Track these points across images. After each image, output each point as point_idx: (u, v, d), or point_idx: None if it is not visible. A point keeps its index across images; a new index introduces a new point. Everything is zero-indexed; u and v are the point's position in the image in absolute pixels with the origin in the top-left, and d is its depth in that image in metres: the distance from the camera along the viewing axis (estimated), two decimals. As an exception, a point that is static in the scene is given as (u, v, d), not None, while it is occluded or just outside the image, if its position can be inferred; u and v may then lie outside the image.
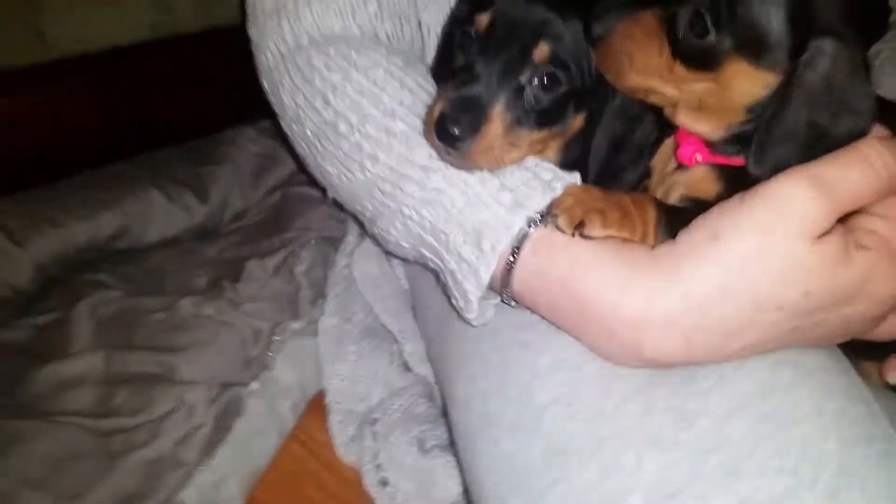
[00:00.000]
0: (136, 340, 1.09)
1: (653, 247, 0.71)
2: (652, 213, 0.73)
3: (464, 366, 0.87)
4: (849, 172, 0.65)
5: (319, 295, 1.22)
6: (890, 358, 0.82)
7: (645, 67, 0.73)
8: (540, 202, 0.73)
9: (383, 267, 1.22)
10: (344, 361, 1.15)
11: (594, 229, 0.69)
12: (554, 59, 0.76)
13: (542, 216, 0.72)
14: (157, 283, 1.22)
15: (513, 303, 0.77)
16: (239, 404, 1.04)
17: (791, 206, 0.64)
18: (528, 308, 0.77)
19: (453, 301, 0.80)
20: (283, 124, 0.97)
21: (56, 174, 1.33)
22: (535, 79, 0.76)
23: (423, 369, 1.17)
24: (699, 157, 0.77)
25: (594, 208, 0.70)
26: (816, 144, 0.67)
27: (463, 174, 0.76)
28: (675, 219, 0.72)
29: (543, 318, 0.77)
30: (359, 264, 1.21)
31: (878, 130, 0.72)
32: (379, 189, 0.81)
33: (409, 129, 0.80)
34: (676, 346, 0.67)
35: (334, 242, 1.30)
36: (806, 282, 0.64)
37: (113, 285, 1.19)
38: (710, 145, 0.77)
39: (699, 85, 0.72)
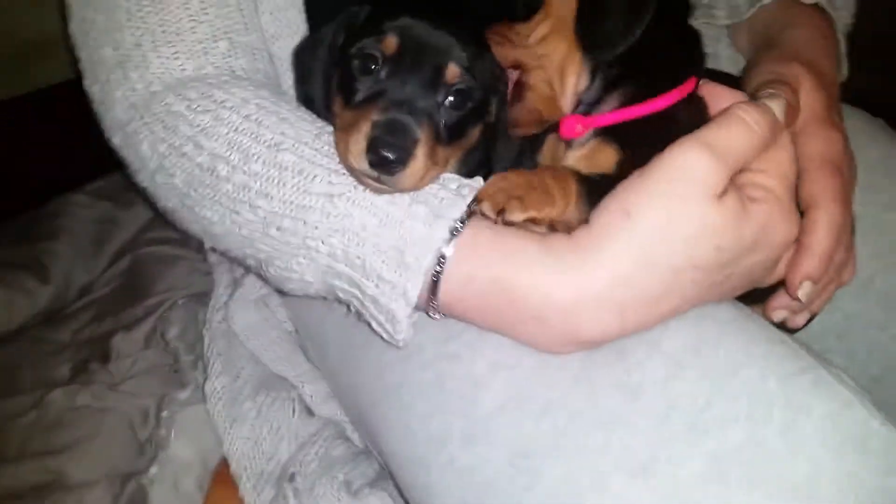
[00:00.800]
0: (7, 451, 0.97)
1: (576, 220, 0.74)
2: (573, 187, 0.77)
3: (392, 393, 0.85)
4: (734, 135, 0.72)
5: (199, 357, 1.15)
6: (770, 300, 0.89)
7: (500, 41, 0.84)
8: (455, 210, 0.73)
9: (263, 312, 1.17)
10: (243, 422, 1.09)
11: (513, 213, 0.72)
12: (463, 77, 0.78)
13: (460, 223, 0.73)
14: (11, 382, 1.09)
15: (437, 315, 0.77)
16: (143, 495, 0.96)
17: (690, 172, 0.69)
18: (456, 317, 0.78)
19: (374, 326, 0.78)
20: (143, 178, 0.90)
21: None
22: (448, 98, 0.78)
23: (328, 409, 1.13)
24: (580, 126, 0.82)
25: (514, 195, 0.73)
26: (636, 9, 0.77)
27: (370, 196, 0.75)
28: (594, 189, 0.76)
29: (473, 323, 0.78)
30: (237, 316, 1.15)
31: (720, 91, 0.81)
32: (276, 226, 0.78)
33: (300, 160, 0.77)
34: (610, 322, 0.71)
35: (202, 298, 1.22)
36: (716, 238, 0.70)
37: (-40, 396, 1.05)
38: (588, 105, 0.84)
39: (540, 29, 0.82)
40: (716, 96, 0.81)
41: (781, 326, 0.91)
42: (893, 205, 1.05)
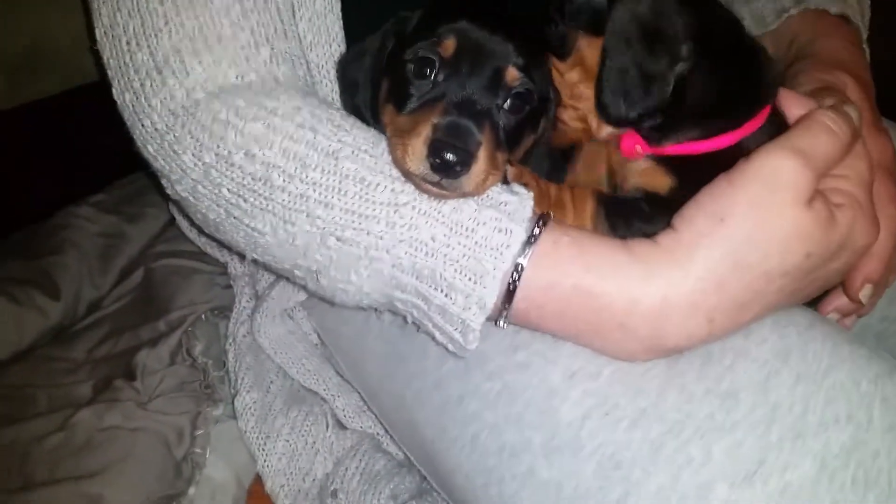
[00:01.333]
0: (35, 477, 0.91)
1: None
2: (590, 206, 0.79)
3: (454, 405, 0.83)
4: (821, 140, 0.72)
5: (226, 372, 1.11)
6: (826, 301, 0.89)
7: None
8: (526, 214, 0.72)
9: (288, 325, 1.14)
10: (277, 438, 1.05)
11: None
12: (523, 80, 0.77)
13: (537, 228, 0.71)
14: (27, 404, 1.03)
15: (505, 324, 0.75)
16: (185, 518, 0.91)
17: (781, 178, 0.69)
18: (530, 325, 0.76)
19: (438, 336, 0.76)
20: (180, 189, 0.86)
21: None
22: (508, 101, 0.76)
23: (361, 422, 1.11)
24: (639, 147, 0.82)
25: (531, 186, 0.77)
26: (650, 81, 0.76)
27: (435, 204, 0.73)
28: (613, 210, 0.79)
29: (548, 332, 0.76)
30: (263, 329, 1.12)
31: (792, 98, 0.81)
32: (336, 237, 0.75)
33: (360, 167, 0.75)
34: (699, 328, 0.70)
35: (223, 311, 1.18)
36: (806, 244, 0.70)
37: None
38: (647, 139, 0.82)
39: (572, 74, 0.83)
40: (790, 104, 0.81)
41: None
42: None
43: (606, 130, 0.84)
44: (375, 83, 0.84)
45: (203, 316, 1.14)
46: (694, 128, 0.80)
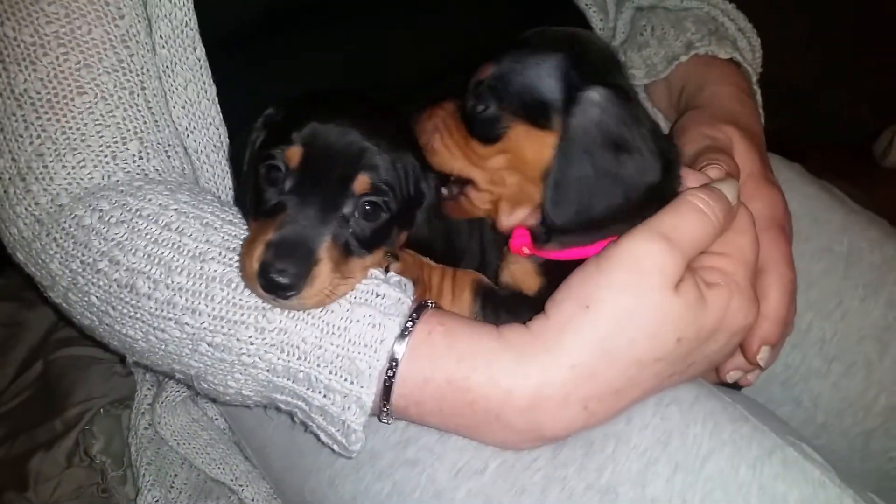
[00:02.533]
0: None
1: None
2: (468, 296, 0.79)
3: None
4: (687, 222, 0.71)
5: (126, 468, 1.07)
6: (725, 363, 0.87)
7: (449, 145, 0.80)
8: (402, 307, 0.71)
9: (193, 413, 1.10)
10: (183, 537, 1.02)
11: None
12: (374, 188, 0.74)
13: (410, 321, 0.70)
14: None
15: (389, 420, 0.74)
16: None
17: (646, 263, 0.68)
18: (411, 420, 0.75)
19: (323, 437, 0.74)
20: (54, 295, 0.84)
21: None
22: (357, 210, 0.74)
23: (271, 511, 1.07)
24: (526, 249, 0.81)
25: (414, 275, 0.77)
26: (612, 188, 0.73)
27: None
28: (488, 301, 0.79)
29: (430, 426, 0.75)
30: (164, 419, 1.08)
31: (693, 175, 0.80)
32: (207, 343, 0.73)
33: (228, 269, 0.73)
34: (576, 417, 0.69)
35: (125, 402, 1.14)
36: (676, 329, 0.69)
37: None
38: (535, 238, 0.82)
39: (496, 159, 0.78)
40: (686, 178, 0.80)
41: (734, 384, 0.92)
42: (820, 254, 1.08)
43: (511, 221, 0.82)
44: (241, 181, 0.82)
45: (101, 410, 1.10)
46: (586, 234, 0.78)
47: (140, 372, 1.14)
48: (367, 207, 0.74)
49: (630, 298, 0.68)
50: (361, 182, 0.74)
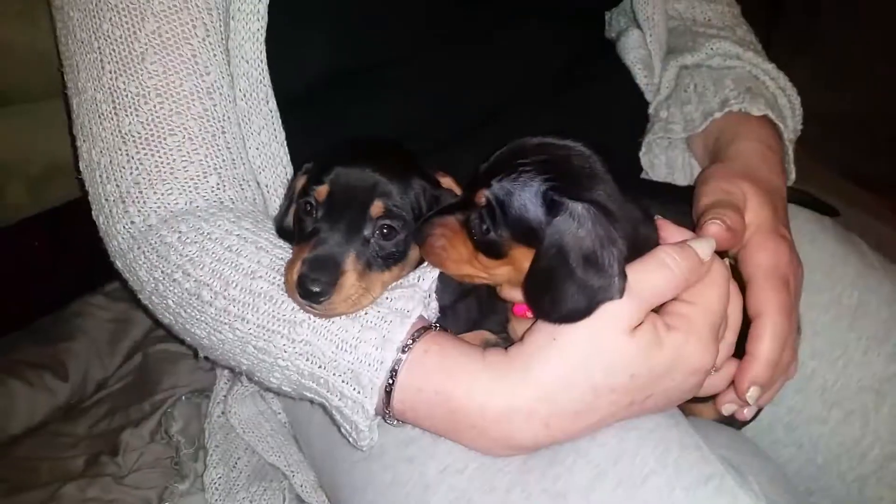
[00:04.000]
0: (24, 541, 1.08)
1: None
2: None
3: (360, 490, 0.94)
4: (651, 276, 0.80)
5: (200, 449, 1.25)
6: (721, 395, 0.96)
7: (458, 258, 0.88)
8: (401, 332, 0.83)
9: (259, 406, 1.26)
10: (237, 510, 1.18)
11: None
12: (387, 211, 0.89)
13: (410, 341, 0.83)
14: (31, 475, 1.21)
15: (395, 422, 0.86)
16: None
17: (607, 309, 0.78)
18: (409, 424, 0.87)
19: (343, 432, 0.88)
20: (143, 297, 1.01)
21: None
22: (376, 231, 0.88)
23: (317, 498, 1.20)
24: (529, 314, 0.89)
25: None
26: (577, 294, 0.78)
27: (326, 324, 0.85)
28: None
29: (425, 429, 0.87)
30: (234, 410, 1.24)
31: (668, 229, 0.87)
32: (252, 346, 0.88)
33: (272, 287, 0.87)
34: (539, 431, 0.80)
35: (206, 392, 1.33)
36: (629, 367, 0.79)
37: (-17, 488, 1.17)
38: None
39: (501, 269, 0.87)
40: (666, 234, 0.87)
41: (732, 419, 1.00)
42: (830, 307, 1.14)
43: (513, 297, 0.89)
44: (280, 216, 1.00)
45: (183, 398, 1.29)
46: None
47: (219, 367, 1.33)
48: (385, 229, 0.89)
49: (591, 337, 0.78)
50: (377, 207, 0.88)
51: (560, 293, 0.79)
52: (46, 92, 1.30)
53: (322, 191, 0.89)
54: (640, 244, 0.84)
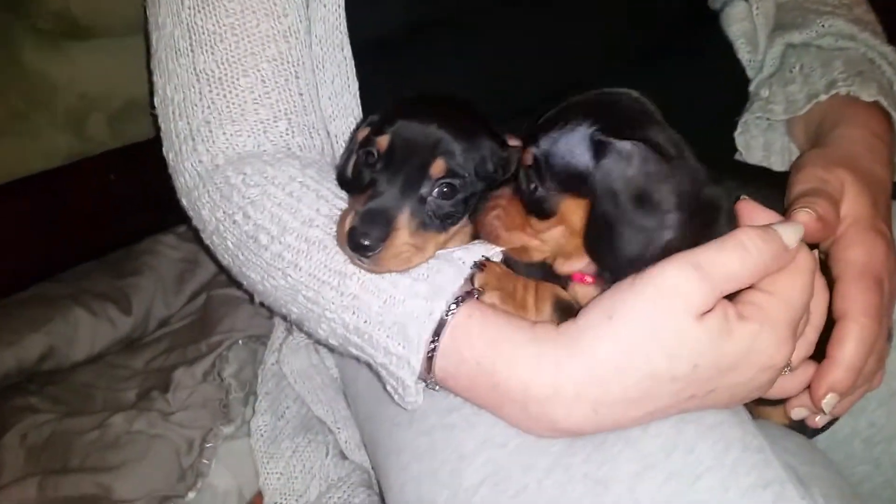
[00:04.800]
0: (70, 463, 1.10)
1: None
2: (548, 308, 0.84)
3: (396, 453, 0.92)
4: (727, 258, 0.73)
5: (251, 394, 1.25)
6: (792, 398, 0.89)
7: (512, 226, 0.85)
8: (454, 284, 0.80)
9: (312, 359, 1.26)
10: (279, 459, 1.17)
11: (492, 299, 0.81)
12: (449, 171, 0.85)
13: (458, 301, 0.79)
14: (87, 402, 1.23)
15: (436, 387, 0.83)
16: (178, 517, 1.06)
17: (675, 288, 0.71)
18: (451, 391, 0.83)
19: (388, 389, 0.85)
20: (205, 237, 1.01)
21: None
22: (435, 190, 0.85)
23: (360, 456, 1.19)
24: (589, 279, 0.86)
25: (500, 287, 0.82)
26: (635, 237, 0.75)
27: (375, 279, 0.82)
28: (571, 314, 0.80)
29: (466, 399, 0.83)
30: (287, 359, 1.24)
31: (752, 210, 0.80)
32: (302, 295, 0.86)
33: (326, 236, 0.85)
34: (586, 417, 0.74)
35: (262, 339, 1.33)
36: (693, 355, 0.72)
37: (43, 408, 1.20)
38: (600, 278, 0.85)
39: (553, 231, 0.83)
40: (751, 216, 0.80)
41: (804, 426, 0.92)
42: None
43: (568, 269, 0.86)
44: (342, 164, 0.96)
45: (240, 342, 1.30)
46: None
47: (276, 316, 1.33)
48: (445, 189, 0.85)
49: (653, 317, 0.72)
50: (438, 166, 0.84)
51: (617, 239, 0.75)
52: (131, 27, 1.30)
53: (383, 142, 0.85)
54: (705, 206, 0.79)
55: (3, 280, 1.41)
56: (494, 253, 0.85)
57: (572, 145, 0.79)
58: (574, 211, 0.80)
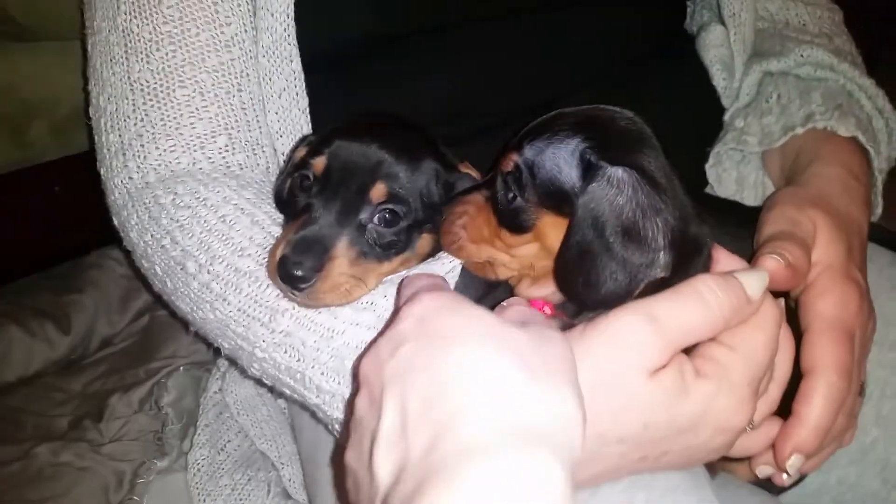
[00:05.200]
0: (-10, 496, 1.03)
1: None
2: None
3: (331, 496, 0.87)
4: (683, 309, 0.65)
5: (190, 425, 1.18)
6: (756, 456, 0.82)
7: (478, 237, 0.79)
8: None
9: (259, 388, 1.20)
10: (216, 497, 1.10)
11: None
12: (391, 196, 0.79)
13: None
14: (15, 428, 1.16)
15: None
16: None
17: (626, 340, 0.64)
18: None
19: (329, 428, 0.80)
20: (135, 260, 0.95)
21: None
22: (375, 216, 0.79)
23: (303, 495, 1.13)
24: (548, 309, 0.79)
25: None
26: (617, 271, 0.69)
27: (311, 313, 0.76)
28: None
29: None
30: (231, 388, 1.18)
31: (720, 257, 0.74)
32: (231, 330, 0.80)
33: (259, 267, 0.79)
34: None
35: (206, 366, 1.26)
36: (644, 415, 0.65)
37: (-34, 434, 1.12)
38: (564, 310, 0.79)
39: (525, 247, 0.77)
40: (716, 262, 0.75)
41: (770, 483, 0.86)
42: (904, 368, 0.97)
43: (531, 294, 0.80)
44: (276, 187, 0.91)
45: (181, 369, 1.22)
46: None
47: (216, 346, 1.26)
48: (386, 215, 0.79)
49: (601, 372, 0.64)
50: (378, 190, 0.79)
51: (596, 271, 0.69)
52: (79, 31, 1.24)
53: (319, 164, 0.79)
54: (689, 245, 0.72)
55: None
56: (452, 269, 0.79)
57: (560, 159, 0.73)
58: (552, 229, 0.74)
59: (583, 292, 0.71)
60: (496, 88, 1.03)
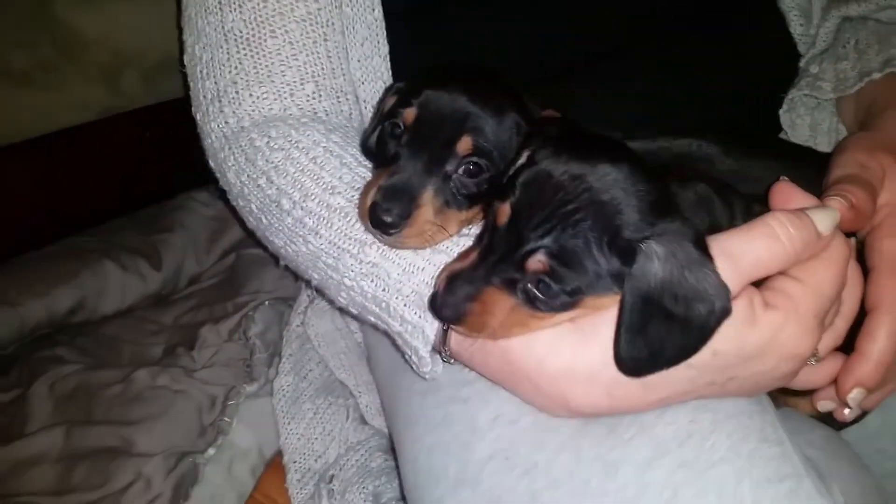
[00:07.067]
0: (95, 414, 1.12)
1: None
2: None
3: (411, 423, 0.91)
4: (754, 244, 0.69)
5: (275, 355, 1.26)
6: (818, 391, 0.85)
7: (509, 323, 0.75)
8: None
9: (337, 322, 1.26)
10: (300, 420, 1.18)
11: None
12: (476, 149, 0.82)
13: None
14: (114, 355, 1.25)
15: (452, 361, 0.81)
16: (196, 472, 1.07)
17: None
18: (465, 365, 0.82)
19: (406, 358, 0.85)
20: (231, 199, 1.01)
21: (10, 252, 1.37)
22: (461, 168, 0.82)
23: (379, 421, 1.20)
24: None
25: None
26: (684, 334, 0.68)
27: None
28: None
29: (480, 373, 0.81)
30: (312, 322, 1.25)
31: (789, 192, 0.75)
32: (322, 261, 0.86)
33: (348, 204, 0.84)
34: (600, 398, 0.72)
35: (289, 301, 1.33)
36: (713, 343, 0.68)
37: (70, 359, 1.22)
38: None
39: (566, 314, 0.74)
40: (787, 198, 0.75)
41: (831, 418, 0.89)
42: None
43: None
44: (366, 135, 0.94)
45: (267, 303, 1.30)
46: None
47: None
48: (471, 167, 0.82)
49: None
50: (465, 143, 0.81)
51: (663, 339, 0.68)
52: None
53: (409, 114, 0.82)
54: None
55: (33, 233, 1.43)
56: None
57: (595, 254, 0.70)
58: (593, 303, 0.73)
59: (651, 363, 0.69)
60: (558, 36, 1.05)
